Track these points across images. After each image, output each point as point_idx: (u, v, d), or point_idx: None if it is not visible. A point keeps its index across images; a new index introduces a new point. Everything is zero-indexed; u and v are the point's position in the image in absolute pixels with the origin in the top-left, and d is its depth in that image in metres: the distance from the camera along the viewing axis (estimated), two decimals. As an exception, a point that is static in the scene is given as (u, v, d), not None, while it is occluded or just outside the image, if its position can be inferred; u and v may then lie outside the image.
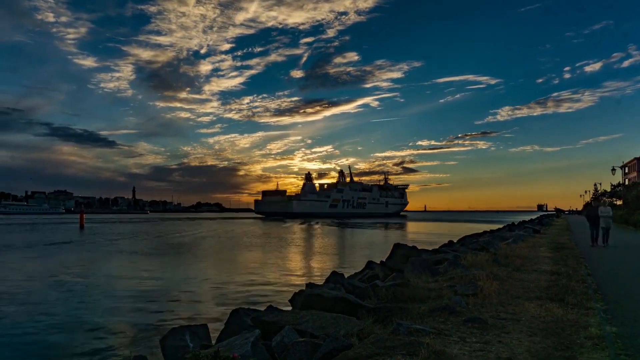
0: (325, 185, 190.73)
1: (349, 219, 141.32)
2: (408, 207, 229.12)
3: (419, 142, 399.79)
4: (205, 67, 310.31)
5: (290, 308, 9.39)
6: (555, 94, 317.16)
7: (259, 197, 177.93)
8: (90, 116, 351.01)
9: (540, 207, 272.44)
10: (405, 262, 13.81)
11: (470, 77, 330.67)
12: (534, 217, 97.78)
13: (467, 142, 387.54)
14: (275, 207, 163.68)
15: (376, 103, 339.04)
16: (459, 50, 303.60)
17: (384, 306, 7.72)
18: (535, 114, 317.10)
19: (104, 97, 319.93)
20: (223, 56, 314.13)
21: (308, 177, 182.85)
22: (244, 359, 5.07)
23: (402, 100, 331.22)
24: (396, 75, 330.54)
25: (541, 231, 35.46)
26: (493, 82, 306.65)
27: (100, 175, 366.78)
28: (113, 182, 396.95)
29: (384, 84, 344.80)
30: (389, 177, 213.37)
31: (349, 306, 7.96)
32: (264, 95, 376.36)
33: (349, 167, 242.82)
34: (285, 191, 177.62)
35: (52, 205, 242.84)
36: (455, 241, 27.35)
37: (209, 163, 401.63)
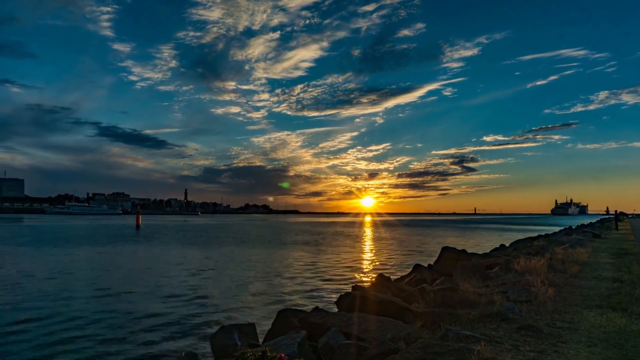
0: None
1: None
2: (453, 210, 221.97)
3: (484, 138, 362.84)
4: (254, 51, 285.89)
5: (336, 310, 9.39)
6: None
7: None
8: (135, 112, 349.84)
9: (614, 212, 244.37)
10: (454, 266, 13.46)
11: (566, 53, 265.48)
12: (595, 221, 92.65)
13: (539, 136, 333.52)
14: None
15: (443, 90, 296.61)
16: (553, 20, 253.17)
17: (432, 311, 7.56)
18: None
19: (147, 91, 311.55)
20: (272, 34, 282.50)
21: None
22: None
23: (473, 85, 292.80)
24: (470, 52, 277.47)
25: (602, 235, 33.49)
26: (596, 57, 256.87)
27: (153, 177, 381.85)
28: (165, 184, 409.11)
29: (455, 66, 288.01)
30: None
31: (396, 310, 7.86)
32: (317, 82, 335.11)
33: None
34: None
35: (110, 206, 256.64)
36: (507, 245, 26.37)
37: (257, 164, 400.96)
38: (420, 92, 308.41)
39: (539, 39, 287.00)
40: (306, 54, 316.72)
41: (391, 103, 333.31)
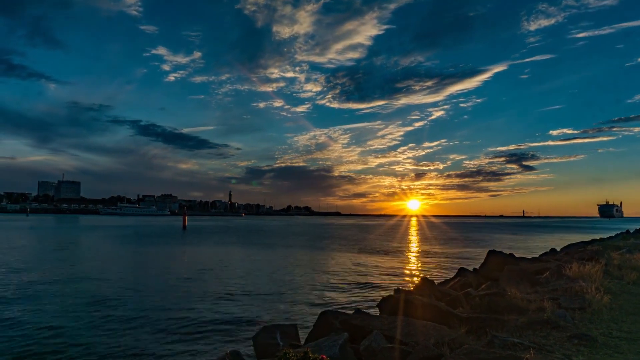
0: None
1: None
2: (501, 212, 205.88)
3: (551, 132, 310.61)
4: (298, 28, 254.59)
5: (377, 313, 9.31)
6: None
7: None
8: (171, 109, 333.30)
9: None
10: (501, 270, 13.03)
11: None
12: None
13: (616, 128, 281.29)
14: None
15: (513, 72, 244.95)
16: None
17: (478, 316, 7.34)
18: None
19: (181, 83, 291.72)
20: (314, 5, 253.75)
21: None
22: (332, 361, 5.11)
23: (552, 65, 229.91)
24: (553, 20, 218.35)
25: (663, 241, 31.38)
26: None
27: (197, 178, 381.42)
28: (209, 185, 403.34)
29: (532, 40, 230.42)
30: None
31: (439, 314, 7.70)
32: (366, 67, 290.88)
33: None
34: None
35: (159, 208, 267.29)
36: (558, 249, 25.24)
37: (300, 164, 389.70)
38: (484, 75, 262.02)
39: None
40: (354, 36, 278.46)
41: (450, 91, 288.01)
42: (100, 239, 51.29)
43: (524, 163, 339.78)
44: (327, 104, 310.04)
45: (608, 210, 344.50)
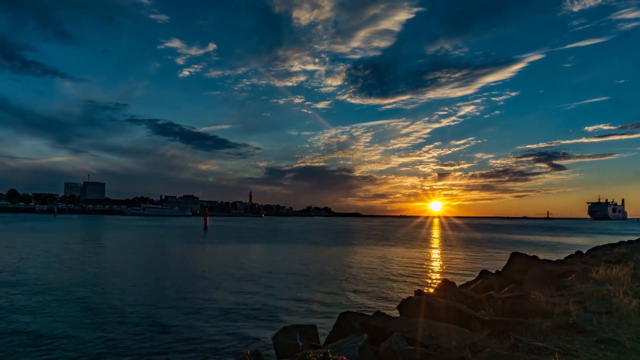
0: None
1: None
2: (525, 213, 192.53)
3: (586, 128, 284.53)
4: (318, 14, 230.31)
5: (397, 314, 9.24)
6: None
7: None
8: (186, 106, 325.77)
9: None
10: (524, 273, 12.78)
11: None
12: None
13: None
14: None
15: (548, 61, 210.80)
16: None
17: (501, 319, 7.22)
18: None
19: (196, 78, 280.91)
20: None
21: None
22: (351, 363, 5.09)
23: (598, 50, 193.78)
24: None
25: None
26: None
27: (217, 179, 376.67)
28: (229, 187, 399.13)
29: (576, 23, 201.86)
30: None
31: (461, 316, 7.60)
32: (391, 58, 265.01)
33: None
34: None
35: (181, 208, 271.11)
36: (584, 252, 24.62)
37: (321, 164, 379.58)
38: (518, 65, 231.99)
39: None
40: (381, 22, 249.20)
41: (481, 83, 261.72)
42: (137, 238, 52.45)
43: (553, 162, 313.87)
44: (348, 99, 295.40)
45: (600, 210, 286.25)
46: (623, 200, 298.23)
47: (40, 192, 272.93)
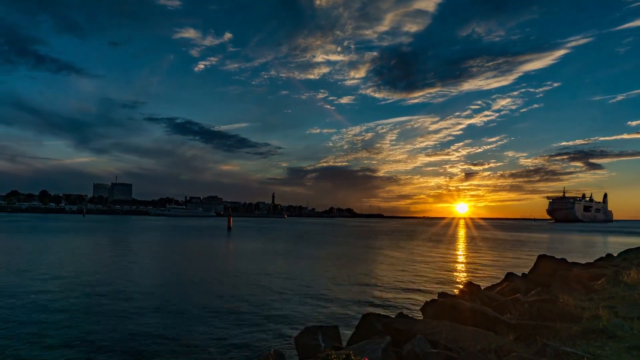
0: None
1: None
2: (543, 215, 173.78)
3: (629, 122, 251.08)
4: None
5: (421, 317, 9.15)
6: None
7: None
8: (203, 104, 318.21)
9: None
10: (552, 276, 12.48)
11: None
12: None
13: None
14: None
15: (590, 47, 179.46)
16: None
17: (527, 323, 7.06)
18: None
19: (212, 72, 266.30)
20: None
21: None
22: (374, 365, 5.06)
23: None
24: None
25: None
26: None
27: (239, 179, 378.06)
28: (252, 187, 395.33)
29: (634, 5, 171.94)
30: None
31: (486, 320, 7.46)
32: (420, 46, 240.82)
33: None
34: None
35: (205, 209, 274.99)
36: (614, 254, 23.84)
37: (343, 164, 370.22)
38: (560, 52, 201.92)
39: None
40: (412, 2, 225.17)
41: (519, 72, 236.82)
42: (165, 237, 53.56)
43: (590, 161, 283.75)
44: (372, 93, 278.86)
45: (565, 207, 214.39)
46: (605, 195, 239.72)
47: (70, 193, 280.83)
